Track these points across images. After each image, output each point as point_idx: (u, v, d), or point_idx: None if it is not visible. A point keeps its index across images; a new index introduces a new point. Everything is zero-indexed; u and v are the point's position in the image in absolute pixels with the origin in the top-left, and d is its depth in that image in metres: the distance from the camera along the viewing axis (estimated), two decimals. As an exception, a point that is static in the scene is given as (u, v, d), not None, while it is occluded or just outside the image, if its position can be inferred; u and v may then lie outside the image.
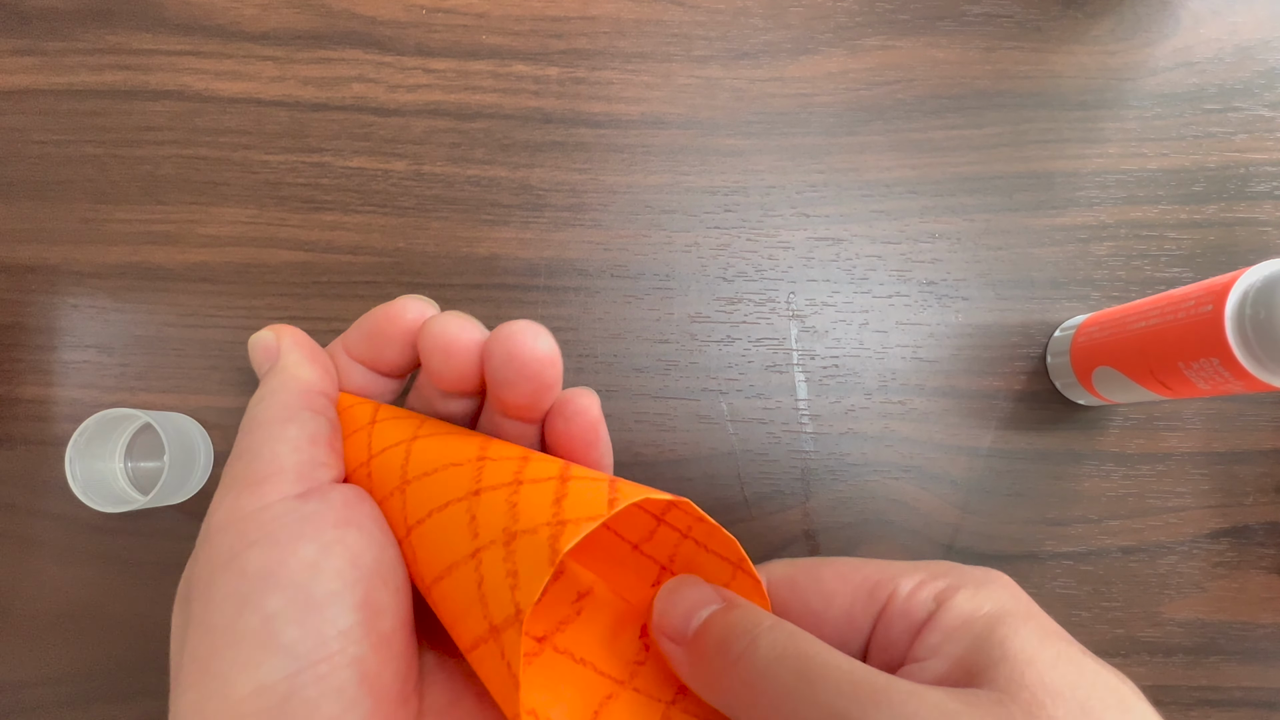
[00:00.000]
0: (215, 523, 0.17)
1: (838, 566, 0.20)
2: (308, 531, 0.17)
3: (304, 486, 0.18)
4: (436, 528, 0.17)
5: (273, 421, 0.19)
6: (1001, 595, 0.18)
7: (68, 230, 0.35)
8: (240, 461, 0.18)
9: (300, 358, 0.21)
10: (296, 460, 0.18)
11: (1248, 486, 0.36)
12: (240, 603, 0.16)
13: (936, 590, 0.18)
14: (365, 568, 0.17)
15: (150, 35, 0.36)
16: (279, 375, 0.20)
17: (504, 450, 0.18)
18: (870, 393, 0.36)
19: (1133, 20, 0.37)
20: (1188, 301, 0.28)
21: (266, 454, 0.18)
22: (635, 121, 0.36)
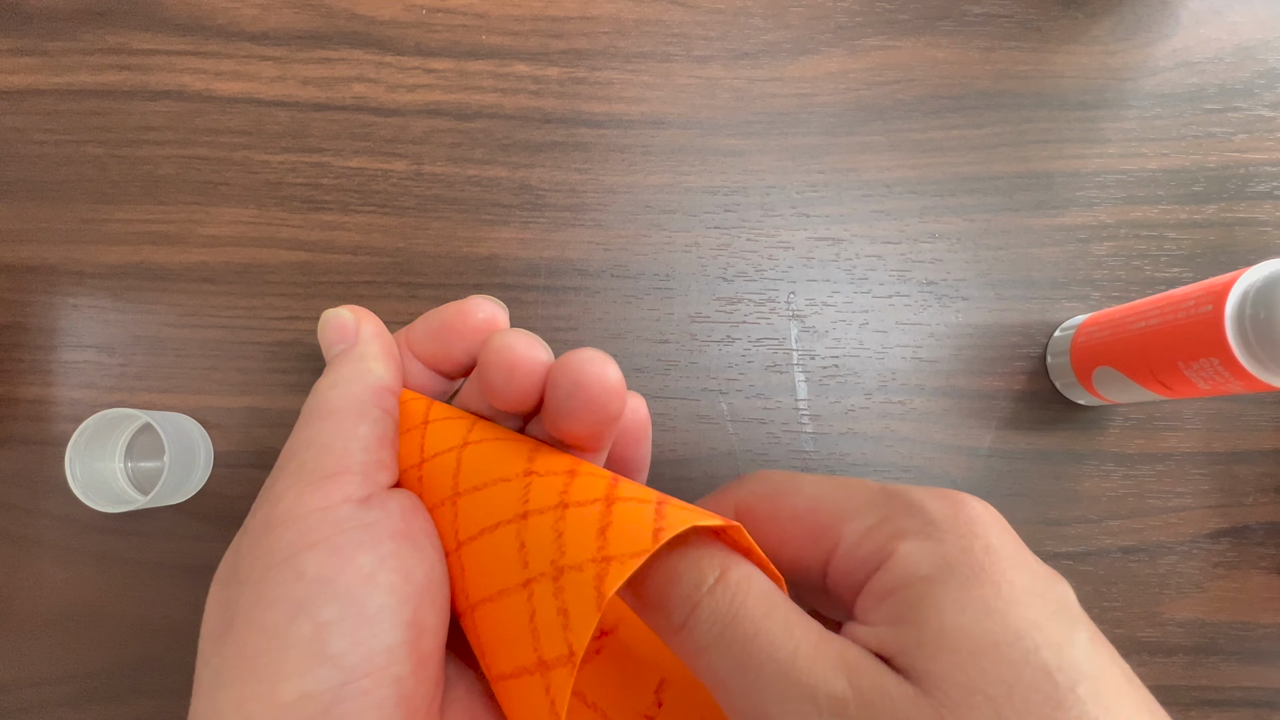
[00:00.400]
0: (277, 514, 0.17)
1: (796, 498, 0.18)
2: (367, 540, 0.17)
3: (367, 490, 0.18)
4: (487, 549, 0.17)
5: (346, 414, 0.19)
6: (953, 547, 0.15)
7: (68, 230, 0.35)
8: (308, 452, 0.18)
9: (379, 350, 0.21)
10: (364, 461, 0.18)
11: (1248, 486, 0.36)
12: (295, 607, 0.16)
13: (880, 541, 0.16)
14: (416, 585, 0.17)
15: (150, 35, 0.36)
16: (355, 364, 0.20)
17: (551, 463, 0.18)
18: (870, 393, 0.36)
19: (1133, 20, 0.37)
20: (1188, 301, 0.28)
21: (337, 449, 0.18)
22: (635, 121, 0.36)
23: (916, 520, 0.16)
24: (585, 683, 0.19)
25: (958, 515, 0.16)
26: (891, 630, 0.15)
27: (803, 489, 0.18)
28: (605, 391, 0.17)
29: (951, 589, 0.15)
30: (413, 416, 0.20)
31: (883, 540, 0.16)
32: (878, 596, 0.16)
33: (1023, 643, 0.14)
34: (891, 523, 0.17)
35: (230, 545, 0.18)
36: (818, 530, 0.17)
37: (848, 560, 0.17)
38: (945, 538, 0.16)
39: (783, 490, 0.19)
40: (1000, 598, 0.14)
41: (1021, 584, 0.15)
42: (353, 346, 0.21)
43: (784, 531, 0.18)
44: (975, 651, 0.14)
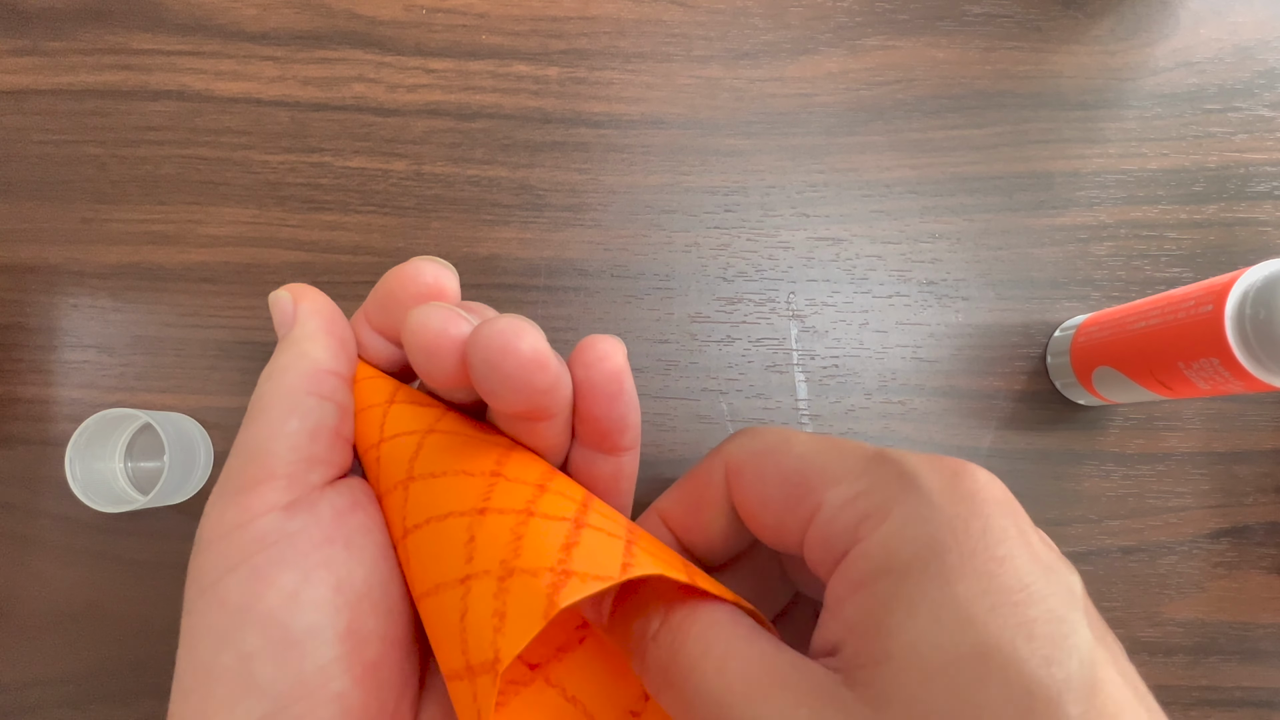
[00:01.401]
0: (203, 535, 0.16)
1: (785, 456, 0.17)
2: (289, 555, 0.16)
3: (294, 494, 0.17)
4: (431, 538, 0.16)
5: (275, 409, 0.17)
6: (942, 525, 0.13)
7: (68, 230, 0.35)
8: (236, 459, 0.17)
9: (315, 328, 0.19)
10: (291, 461, 0.17)
11: (1248, 486, 0.36)
12: (219, 639, 0.15)
13: (861, 512, 0.15)
14: (352, 592, 0.16)
15: (150, 35, 0.36)
16: (289, 351, 0.19)
17: (523, 470, 0.17)
18: (870, 393, 0.36)
19: (1133, 20, 0.37)
20: (1188, 301, 0.28)
21: (261, 453, 0.17)
22: (635, 121, 0.36)
23: (906, 492, 0.14)
24: (566, 675, 0.18)
25: (955, 488, 0.14)
26: (856, 635, 0.13)
27: (793, 447, 0.17)
28: (521, 365, 0.16)
29: (931, 585, 0.13)
30: (376, 394, 0.19)
31: (865, 512, 0.15)
32: (850, 585, 0.14)
33: (999, 658, 0.12)
34: (878, 492, 0.15)
35: None
36: (800, 492, 0.16)
37: (825, 530, 0.15)
38: (935, 515, 0.14)
39: (773, 448, 0.17)
40: (988, 593, 0.12)
41: (1017, 576, 0.13)
42: (290, 329, 0.19)
43: (767, 493, 0.17)
44: (946, 668, 0.12)
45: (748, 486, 0.17)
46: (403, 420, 0.18)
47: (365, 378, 0.20)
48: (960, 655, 0.12)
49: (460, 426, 0.18)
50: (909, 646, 0.12)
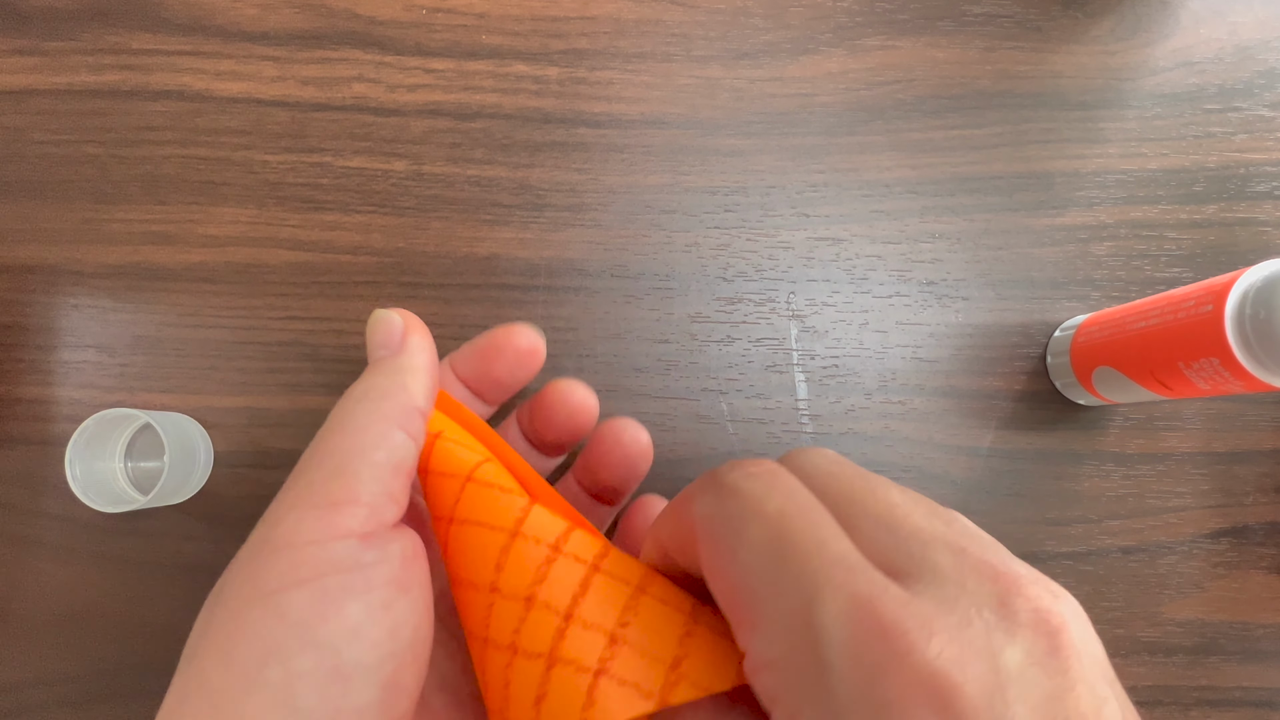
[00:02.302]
0: (272, 540, 0.16)
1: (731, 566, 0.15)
2: (359, 586, 0.16)
3: (371, 525, 0.17)
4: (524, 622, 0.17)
5: (366, 432, 0.18)
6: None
7: (68, 230, 0.35)
8: (319, 470, 0.17)
9: (420, 364, 0.20)
10: (374, 491, 0.17)
11: (1248, 486, 0.36)
12: (270, 651, 0.15)
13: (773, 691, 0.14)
14: (401, 642, 0.16)
15: (150, 35, 0.36)
16: (392, 377, 0.19)
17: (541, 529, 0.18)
18: (870, 393, 0.36)
19: (1133, 20, 0.37)
20: (1188, 301, 0.28)
21: (349, 473, 0.17)
22: (635, 121, 0.36)
23: (815, 690, 0.13)
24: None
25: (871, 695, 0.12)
26: None
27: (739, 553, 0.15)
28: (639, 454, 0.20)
29: None
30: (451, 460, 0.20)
31: (775, 693, 0.14)
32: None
33: None
34: (791, 676, 0.13)
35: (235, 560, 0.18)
36: (736, 619, 0.15)
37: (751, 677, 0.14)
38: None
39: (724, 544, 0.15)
40: None
41: None
42: (395, 355, 0.20)
43: (718, 593, 0.16)
44: None
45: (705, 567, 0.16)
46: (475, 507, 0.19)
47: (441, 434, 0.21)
48: None
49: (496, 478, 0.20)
50: None
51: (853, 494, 0.15)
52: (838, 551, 0.14)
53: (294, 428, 0.34)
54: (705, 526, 0.16)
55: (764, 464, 0.16)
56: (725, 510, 0.16)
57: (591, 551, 0.18)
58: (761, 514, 0.15)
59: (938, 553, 0.14)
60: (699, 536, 0.16)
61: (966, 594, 0.13)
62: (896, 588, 0.13)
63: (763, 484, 0.16)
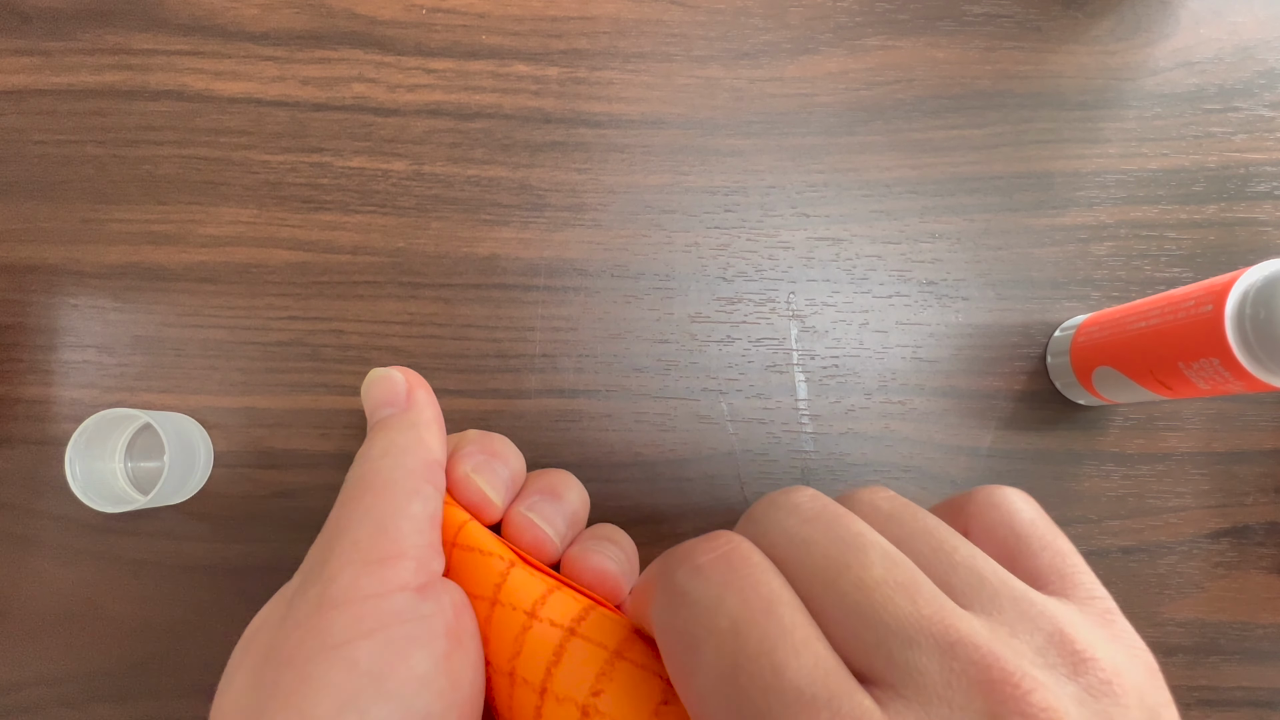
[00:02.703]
0: (331, 595, 0.16)
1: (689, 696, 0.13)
2: (422, 636, 0.16)
3: (423, 578, 0.17)
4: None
5: (399, 489, 0.18)
6: None
7: (68, 230, 0.35)
8: (363, 529, 0.17)
9: (431, 418, 0.20)
10: (419, 544, 0.17)
11: (1248, 486, 0.36)
12: (345, 700, 0.15)
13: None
14: (463, 691, 0.16)
15: (150, 35, 0.36)
16: (409, 433, 0.19)
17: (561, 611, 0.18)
18: (870, 393, 0.36)
19: (1133, 20, 0.37)
20: (1188, 301, 0.28)
21: (392, 529, 0.17)
22: (635, 121, 0.36)
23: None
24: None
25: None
26: None
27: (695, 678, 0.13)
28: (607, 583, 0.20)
29: None
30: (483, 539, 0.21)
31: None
32: None
33: None
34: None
35: (262, 614, 0.17)
36: None
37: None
38: None
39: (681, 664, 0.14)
40: None
41: None
42: (405, 412, 0.20)
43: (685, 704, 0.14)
44: None
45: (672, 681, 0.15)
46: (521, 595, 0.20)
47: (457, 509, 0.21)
48: None
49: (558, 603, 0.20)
50: None
51: (825, 573, 0.13)
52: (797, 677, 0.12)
53: (294, 427, 0.35)
54: (661, 638, 0.14)
55: (719, 546, 0.14)
56: (677, 623, 0.14)
57: (569, 615, 0.17)
58: (714, 630, 0.13)
59: (921, 654, 0.12)
60: (659, 644, 0.15)
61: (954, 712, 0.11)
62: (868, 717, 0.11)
63: (716, 585, 0.14)
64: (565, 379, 0.35)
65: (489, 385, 0.35)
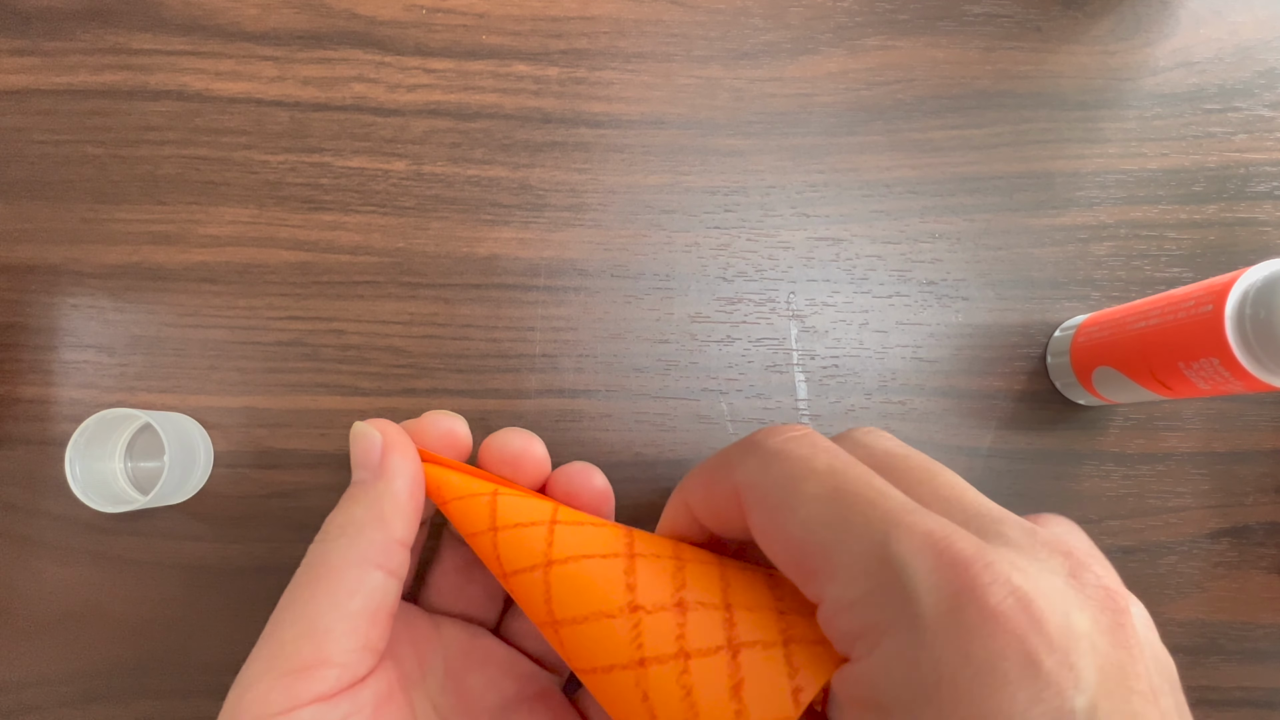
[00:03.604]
0: (241, 710, 0.16)
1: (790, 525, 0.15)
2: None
3: (344, 683, 0.16)
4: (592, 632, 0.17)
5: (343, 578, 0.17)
6: (923, 671, 0.12)
7: (68, 230, 0.35)
8: (291, 629, 0.17)
9: (402, 490, 0.19)
10: (346, 649, 0.17)
11: (1248, 486, 0.36)
12: None
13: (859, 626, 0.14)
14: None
15: (150, 35, 0.36)
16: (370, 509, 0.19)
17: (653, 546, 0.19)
18: (870, 393, 0.36)
19: (1132, 20, 0.37)
20: (1188, 302, 0.28)
21: (320, 632, 0.17)
22: (635, 121, 0.36)
23: (901, 615, 0.13)
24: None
25: (958, 616, 0.12)
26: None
27: (799, 509, 0.15)
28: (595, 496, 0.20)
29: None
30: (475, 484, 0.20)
31: (859, 629, 0.14)
32: (846, 696, 0.14)
33: None
34: (874, 608, 0.14)
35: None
36: (803, 571, 0.15)
37: (826, 624, 0.15)
38: (925, 655, 0.12)
39: (780, 502, 0.16)
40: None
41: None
42: (375, 481, 0.19)
43: (774, 552, 0.16)
44: None
45: (758, 533, 0.16)
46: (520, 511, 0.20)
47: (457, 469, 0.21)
48: None
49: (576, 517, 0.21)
50: None
51: (917, 471, 0.16)
52: (900, 499, 0.14)
53: (294, 428, 0.35)
54: (754, 492, 0.16)
55: (801, 428, 0.17)
56: (773, 474, 0.16)
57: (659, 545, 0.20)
58: (814, 471, 0.15)
59: (1009, 528, 0.14)
60: (747, 502, 0.16)
61: (1039, 561, 0.13)
62: (968, 532, 0.14)
63: (807, 446, 0.16)
64: (565, 379, 0.35)
65: (489, 385, 0.35)
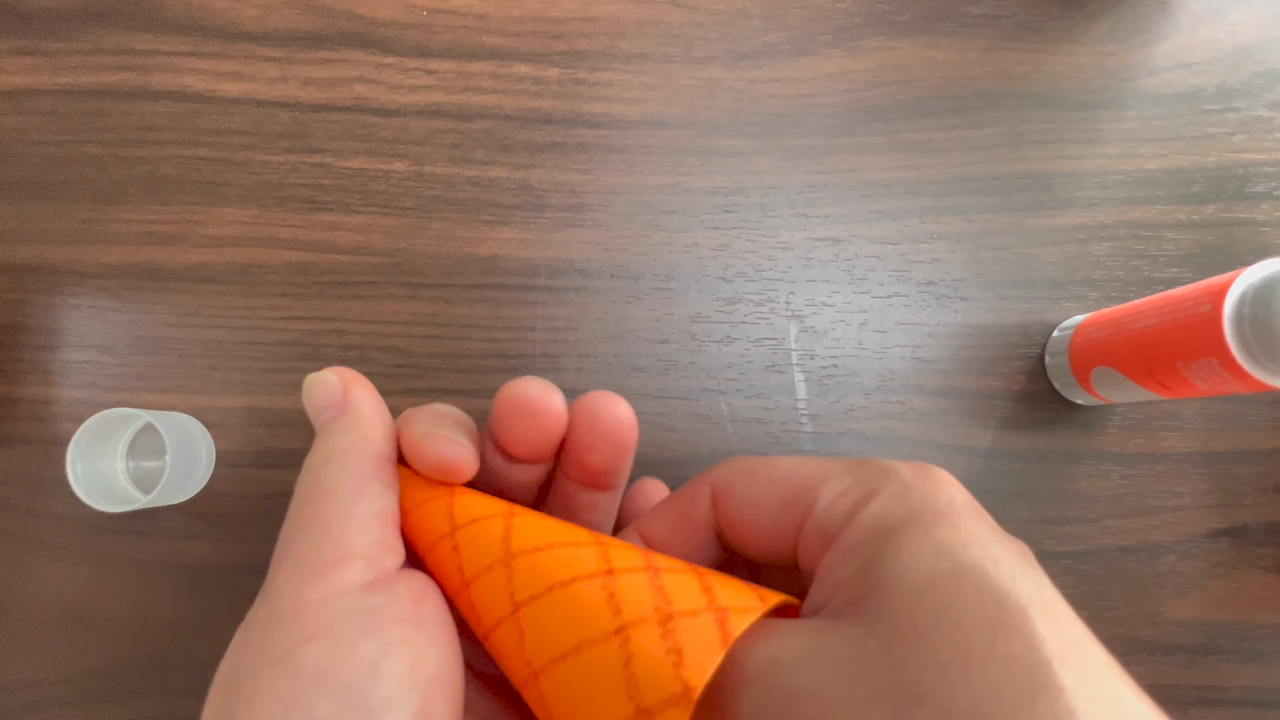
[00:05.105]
0: (278, 610, 0.16)
1: (773, 471, 0.18)
2: (371, 628, 0.16)
3: (372, 575, 0.17)
4: (560, 604, 0.16)
5: (343, 492, 0.18)
6: (918, 498, 0.16)
7: (68, 230, 0.35)
8: (307, 539, 0.17)
9: (372, 413, 0.20)
10: (367, 543, 0.17)
11: (1247, 486, 0.36)
12: (290, 703, 0.15)
13: (854, 499, 0.17)
14: (426, 673, 0.16)
15: (150, 35, 0.36)
16: (350, 433, 0.19)
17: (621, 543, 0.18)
18: (869, 393, 0.36)
19: (1131, 21, 0.38)
20: (1186, 302, 0.28)
21: (335, 533, 0.17)
22: (635, 122, 0.36)
23: (888, 479, 0.17)
24: None
25: (925, 476, 0.17)
26: (847, 585, 0.15)
27: (779, 464, 0.19)
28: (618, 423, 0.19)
29: (912, 535, 0.15)
30: (434, 489, 0.20)
31: (856, 498, 0.17)
32: (842, 552, 0.16)
33: (974, 574, 0.14)
34: (866, 482, 0.17)
35: (231, 643, 0.17)
36: (794, 495, 0.18)
37: (821, 520, 0.17)
38: (912, 493, 0.16)
39: (758, 467, 0.19)
40: (958, 538, 0.15)
41: (981, 530, 0.15)
42: (343, 413, 0.19)
43: (760, 500, 0.18)
44: (926, 587, 0.14)
45: (738, 502, 0.19)
46: (476, 507, 0.19)
47: (407, 476, 0.20)
48: (939, 575, 0.14)
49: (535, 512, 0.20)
50: (895, 576, 0.14)
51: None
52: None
53: (295, 427, 0.35)
54: (730, 473, 0.19)
55: None
56: (743, 461, 0.19)
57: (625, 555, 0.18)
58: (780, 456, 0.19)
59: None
60: (722, 484, 0.19)
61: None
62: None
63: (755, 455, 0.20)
64: (565, 379, 0.35)
65: (489, 385, 0.35)
